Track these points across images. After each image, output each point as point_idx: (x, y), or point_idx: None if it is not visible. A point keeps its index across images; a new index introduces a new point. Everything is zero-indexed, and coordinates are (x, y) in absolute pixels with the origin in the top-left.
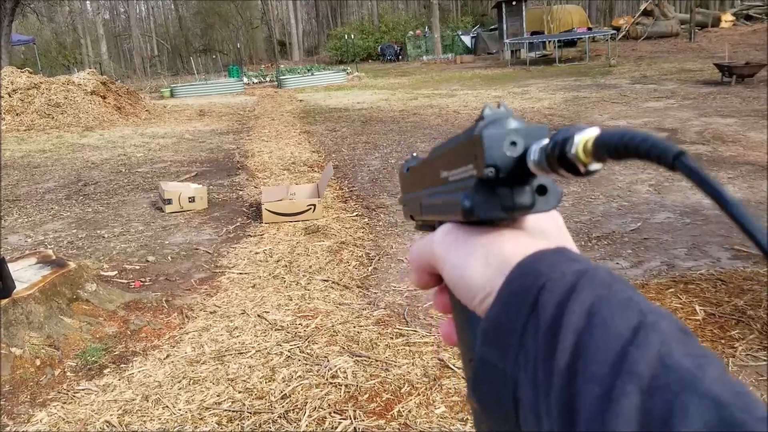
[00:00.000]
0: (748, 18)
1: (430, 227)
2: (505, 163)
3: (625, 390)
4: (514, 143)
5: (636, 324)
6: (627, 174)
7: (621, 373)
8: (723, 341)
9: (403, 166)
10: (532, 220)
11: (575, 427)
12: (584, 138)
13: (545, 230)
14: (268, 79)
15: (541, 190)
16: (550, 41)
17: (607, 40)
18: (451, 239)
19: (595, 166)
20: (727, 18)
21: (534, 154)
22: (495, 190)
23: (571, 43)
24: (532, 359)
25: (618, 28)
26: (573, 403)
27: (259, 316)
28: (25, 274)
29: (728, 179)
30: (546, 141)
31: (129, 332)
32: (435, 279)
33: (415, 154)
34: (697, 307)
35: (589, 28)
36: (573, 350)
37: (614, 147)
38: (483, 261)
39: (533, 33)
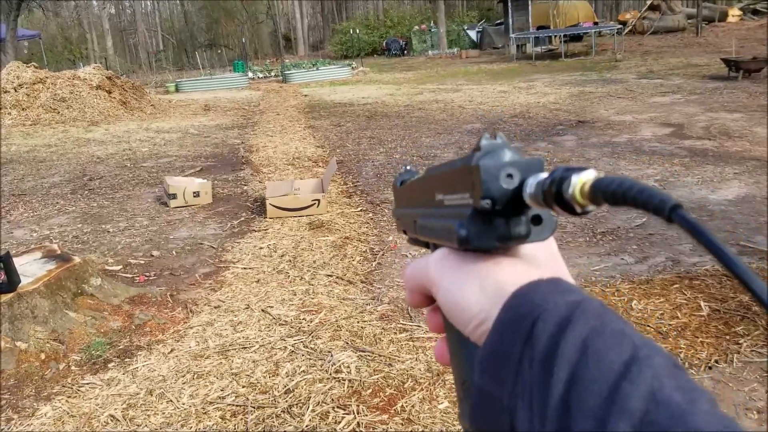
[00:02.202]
0: (755, 12)
1: (423, 242)
2: (501, 195)
3: (618, 425)
4: (510, 176)
5: (629, 358)
6: (632, 169)
7: (614, 407)
8: (728, 337)
9: (397, 179)
10: (527, 248)
11: None
12: (581, 180)
13: (540, 259)
14: (273, 73)
15: (536, 221)
16: (556, 36)
17: (613, 35)
18: (447, 265)
19: (591, 207)
20: (734, 13)
21: (530, 188)
22: (491, 221)
23: (577, 38)
24: (528, 390)
25: (624, 23)
26: None
27: (263, 310)
28: (30, 269)
29: (734, 174)
30: (543, 175)
31: (133, 326)
32: (428, 300)
33: (408, 167)
34: (702, 303)
35: (596, 23)
36: (567, 382)
37: (611, 193)
38: (478, 288)
39: (539, 28)
